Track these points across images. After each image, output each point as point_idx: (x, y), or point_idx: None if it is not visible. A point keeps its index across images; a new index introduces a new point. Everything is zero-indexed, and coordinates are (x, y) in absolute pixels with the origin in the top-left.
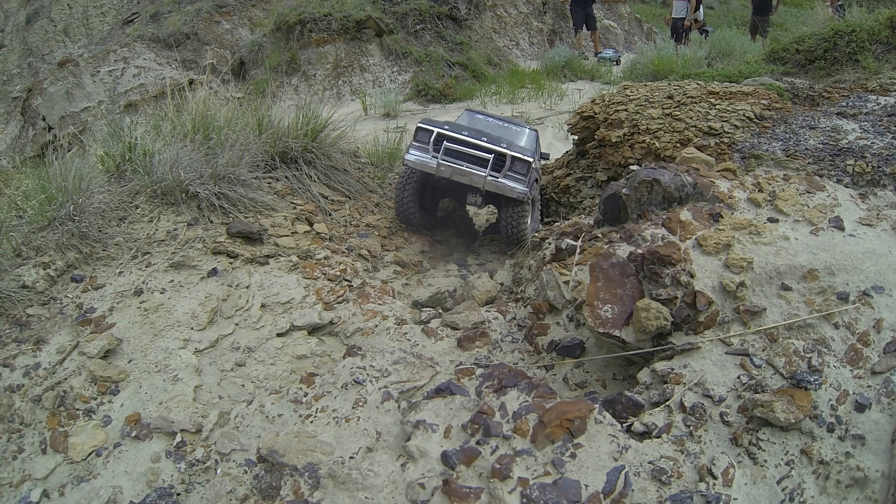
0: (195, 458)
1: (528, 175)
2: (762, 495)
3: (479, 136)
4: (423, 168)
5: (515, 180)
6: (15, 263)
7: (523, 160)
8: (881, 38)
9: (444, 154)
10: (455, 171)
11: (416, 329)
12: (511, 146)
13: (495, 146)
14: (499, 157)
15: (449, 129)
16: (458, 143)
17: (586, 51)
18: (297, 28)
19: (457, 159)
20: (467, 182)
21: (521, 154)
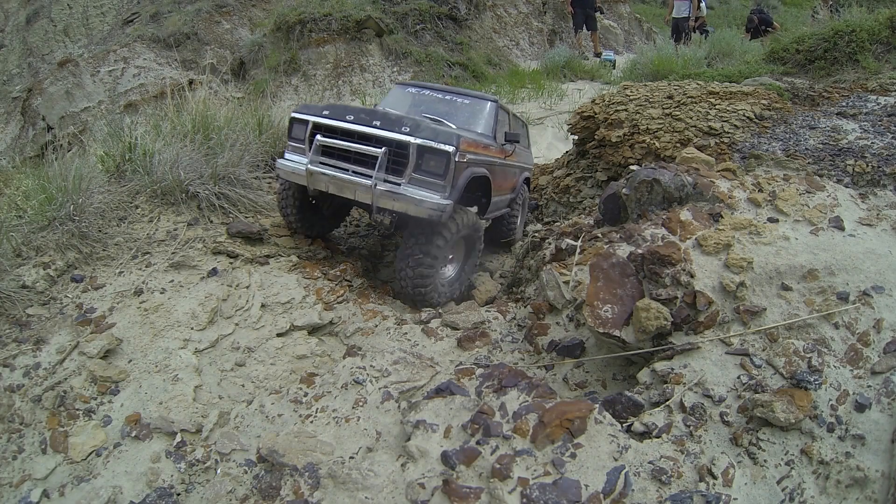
0: (195, 458)
1: (447, 176)
2: (762, 495)
3: (376, 119)
4: (293, 179)
5: (427, 187)
6: (15, 263)
7: (437, 151)
8: (881, 38)
9: (318, 154)
10: (333, 182)
11: (416, 329)
12: (425, 132)
13: (388, 132)
14: (400, 150)
15: (329, 115)
16: (337, 136)
17: (586, 51)
18: (297, 28)
19: (339, 161)
20: (351, 197)
21: (435, 142)
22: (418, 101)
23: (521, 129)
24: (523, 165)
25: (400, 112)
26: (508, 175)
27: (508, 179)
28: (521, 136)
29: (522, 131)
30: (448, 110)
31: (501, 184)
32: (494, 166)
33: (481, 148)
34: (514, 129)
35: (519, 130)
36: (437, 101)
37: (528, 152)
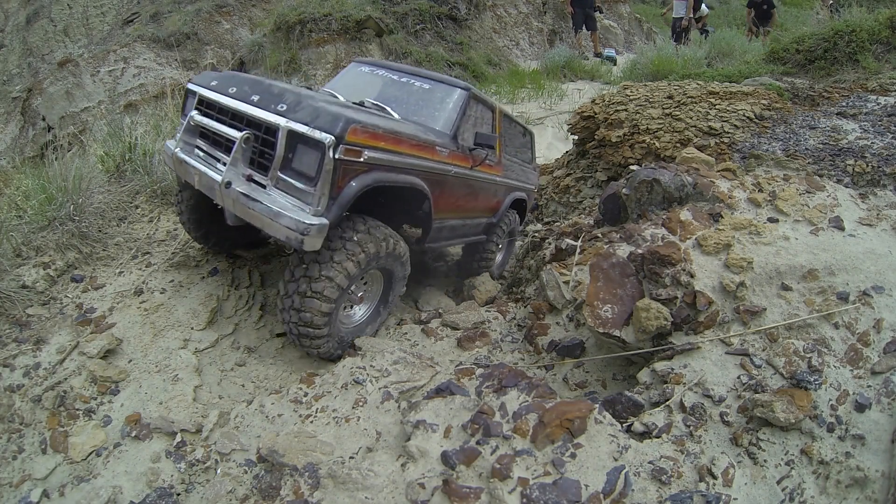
0: (195, 458)
1: (321, 180)
2: (762, 495)
3: (256, 93)
4: (171, 166)
5: (295, 194)
6: (15, 263)
7: (311, 142)
8: (881, 38)
9: (192, 137)
10: (199, 176)
11: (416, 329)
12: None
13: (260, 110)
14: (269, 136)
15: (213, 87)
16: (214, 114)
17: (586, 51)
18: (297, 28)
19: (215, 148)
20: (203, 190)
21: (309, 126)
22: (370, 83)
23: (518, 136)
24: (513, 183)
25: (329, 92)
26: (478, 191)
27: (478, 198)
28: (513, 144)
29: (518, 140)
30: (401, 96)
31: (459, 202)
32: (443, 176)
33: (411, 146)
34: (504, 134)
35: (514, 137)
36: (392, 85)
37: (527, 168)
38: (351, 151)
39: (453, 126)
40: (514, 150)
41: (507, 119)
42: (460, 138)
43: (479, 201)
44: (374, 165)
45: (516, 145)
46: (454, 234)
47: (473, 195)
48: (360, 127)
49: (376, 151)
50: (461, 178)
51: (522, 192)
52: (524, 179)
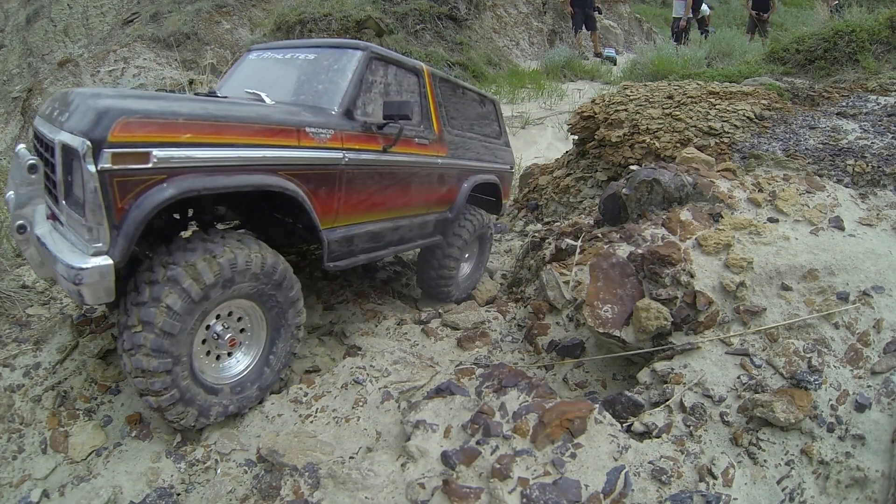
0: (195, 458)
1: (90, 204)
2: (762, 495)
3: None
4: None
5: (77, 228)
6: (15, 263)
7: (71, 153)
8: (881, 38)
9: None
10: None
11: (416, 329)
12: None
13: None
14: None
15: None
16: None
17: (586, 51)
18: (297, 28)
19: None
20: None
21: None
22: (257, 70)
23: (473, 106)
24: (470, 164)
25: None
26: (408, 180)
27: (411, 189)
28: (465, 116)
29: (474, 110)
30: (284, 76)
31: (375, 199)
32: (330, 167)
33: (250, 133)
34: (446, 103)
35: (466, 107)
36: (276, 66)
37: (492, 144)
38: (125, 156)
39: (344, 98)
40: (467, 123)
41: (447, 84)
42: (360, 113)
43: (413, 193)
44: (176, 169)
45: (471, 117)
46: (381, 241)
47: (401, 186)
48: (136, 119)
49: (177, 149)
50: (369, 166)
51: (491, 175)
52: (489, 158)
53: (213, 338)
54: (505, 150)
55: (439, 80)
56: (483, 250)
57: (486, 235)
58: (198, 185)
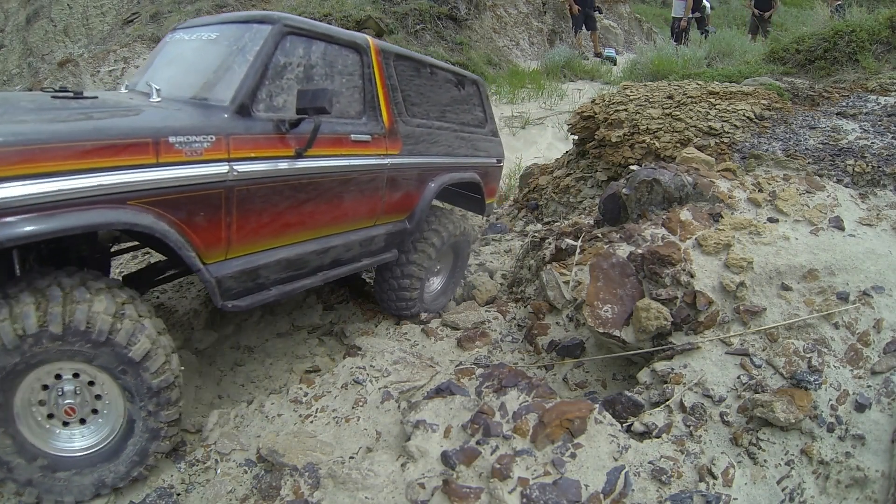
0: (195, 457)
1: None
2: (762, 495)
3: None
4: None
5: None
6: None
7: None
8: (881, 38)
9: None
10: None
11: (416, 329)
12: None
13: None
14: None
15: None
16: None
17: (586, 51)
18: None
19: None
20: None
21: None
22: (170, 54)
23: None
24: (436, 161)
25: None
26: (339, 191)
27: (343, 201)
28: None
29: (446, 94)
30: (185, 61)
31: (290, 218)
32: (213, 187)
33: (78, 155)
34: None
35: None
36: (185, 48)
37: (474, 135)
38: None
39: (238, 91)
40: (436, 110)
41: (407, 63)
42: (263, 108)
43: (348, 205)
44: None
45: (442, 102)
46: (305, 268)
47: (328, 198)
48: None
49: None
50: (273, 178)
51: (469, 172)
52: (467, 151)
53: None
54: (490, 141)
55: (394, 58)
56: (459, 260)
57: (463, 243)
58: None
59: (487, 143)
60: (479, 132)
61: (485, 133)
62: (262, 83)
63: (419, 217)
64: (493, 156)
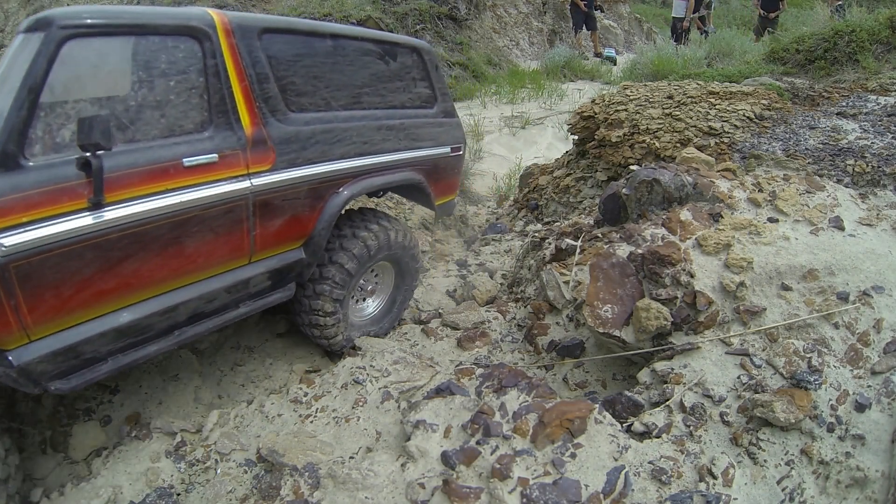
0: (195, 457)
1: None
2: (762, 495)
3: None
4: None
5: None
6: None
7: None
8: (881, 38)
9: None
10: None
11: (416, 329)
12: None
13: None
14: None
15: None
16: None
17: (586, 51)
18: None
19: None
20: None
21: None
22: None
23: (365, 62)
24: (332, 169)
25: None
26: (162, 241)
27: (180, 248)
28: (344, 81)
29: (364, 68)
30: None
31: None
32: None
33: None
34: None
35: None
36: None
37: (419, 119)
38: None
39: None
40: (344, 96)
41: (287, 37)
42: (40, 150)
43: (193, 252)
44: None
45: (355, 83)
46: (150, 332)
47: (161, 249)
48: None
49: None
50: (68, 243)
51: (404, 171)
52: (403, 144)
53: None
54: (442, 125)
55: (262, 35)
56: (404, 275)
57: (403, 255)
58: None
59: (436, 128)
60: (423, 115)
61: (433, 115)
62: (33, 117)
63: (319, 242)
64: (445, 143)
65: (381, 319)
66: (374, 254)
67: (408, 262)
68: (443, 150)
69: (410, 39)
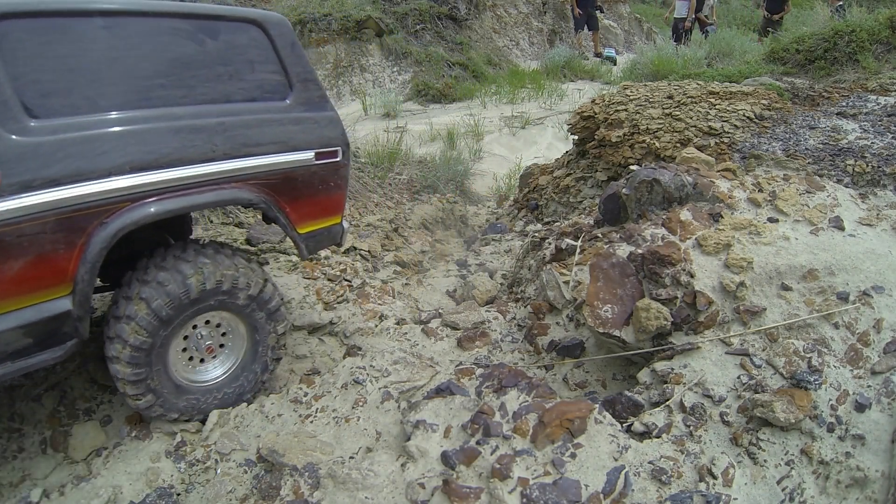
0: (195, 457)
1: None
2: (762, 495)
3: None
4: None
5: None
6: None
7: None
8: (881, 38)
9: None
10: None
11: (416, 329)
12: None
13: None
14: None
15: None
16: None
17: (586, 51)
18: (296, 28)
19: None
20: None
21: None
22: None
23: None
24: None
25: None
26: None
27: None
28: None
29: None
30: None
31: None
32: None
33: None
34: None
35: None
36: None
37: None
38: None
39: None
40: (123, 92)
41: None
42: None
43: None
44: None
45: (144, 73)
46: None
47: None
48: None
49: None
50: None
51: (229, 189)
52: (222, 150)
53: None
54: (300, 123)
55: None
56: (259, 333)
57: (256, 308)
58: None
59: (288, 126)
60: (262, 110)
61: (283, 109)
62: None
63: (86, 291)
64: (303, 147)
65: (229, 385)
66: (185, 304)
67: (260, 318)
68: (299, 156)
69: (244, 11)
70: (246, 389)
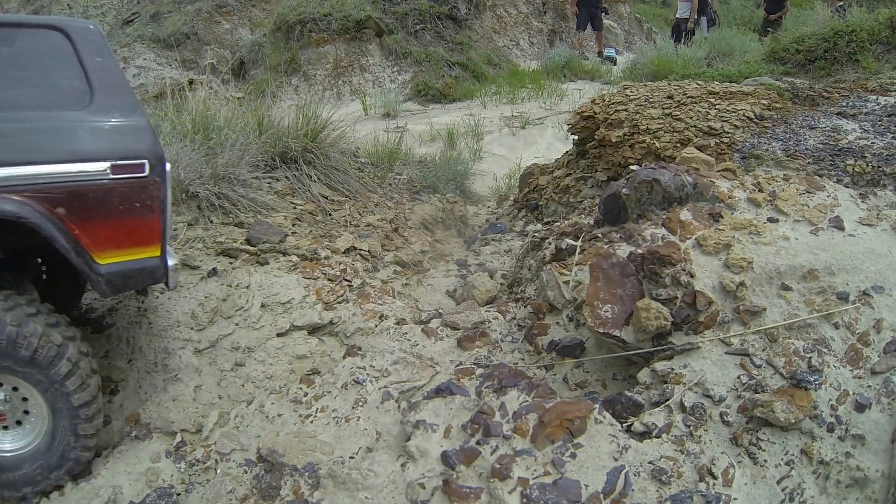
0: (195, 457)
1: None
2: (762, 495)
3: None
4: None
5: None
6: None
7: None
8: (881, 38)
9: None
10: None
11: (416, 329)
12: None
13: None
14: None
15: None
16: None
17: (587, 50)
18: (297, 28)
19: None
20: None
21: None
22: None
23: None
24: None
25: None
26: None
27: None
28: None
29: None
30: None
31: None
32: None
33: None
34: None
35: None
36: None
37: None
38: None
39: None
40: None
41: None
42: None
43: None
44: None
45: None
46: None
47: None
48: None
49: None
50: None
51: None
52: None
53: None
54: (94, 132)
55: None
56: (58, 401)
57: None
58: None
59: (84, 134)
60: (62, 117)
61: (82, 117)
62: None
63: None
64: (99, 157)
65: (35, 463)
66: None
67: (51, 386)
68: (88, 167)
69: (46, 18)
70: (58, 460)
